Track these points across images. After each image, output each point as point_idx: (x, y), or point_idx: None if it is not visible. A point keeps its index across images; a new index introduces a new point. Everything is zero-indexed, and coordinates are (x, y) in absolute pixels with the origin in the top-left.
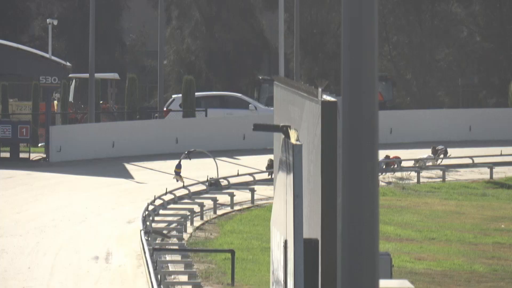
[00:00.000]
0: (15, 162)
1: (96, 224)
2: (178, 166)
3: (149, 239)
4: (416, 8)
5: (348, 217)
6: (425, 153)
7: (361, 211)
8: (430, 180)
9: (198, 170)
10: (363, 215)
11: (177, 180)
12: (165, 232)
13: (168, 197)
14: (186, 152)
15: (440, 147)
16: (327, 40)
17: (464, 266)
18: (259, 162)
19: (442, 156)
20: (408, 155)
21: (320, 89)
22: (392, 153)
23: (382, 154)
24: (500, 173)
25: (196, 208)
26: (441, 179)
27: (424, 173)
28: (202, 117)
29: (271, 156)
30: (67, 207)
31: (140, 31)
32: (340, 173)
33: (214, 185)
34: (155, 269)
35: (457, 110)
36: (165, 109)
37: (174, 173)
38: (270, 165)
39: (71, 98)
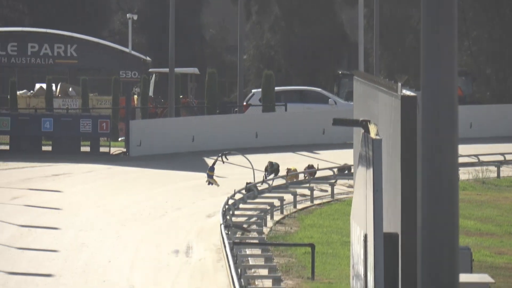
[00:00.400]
0: (96, 156)
1: (176, 218)
2: (211, 169)
3: (229, 233)
4: (496, 3)
5: (428, 211)
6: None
7: (441, 205)
8: (510, 174)
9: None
10: (443, 209)
11: (209, 183)
12: (245, 226)
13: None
14: (220, 155)
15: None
16: (406, 35)
17: None
18: (339, 156)
19: None
20: (487, 150)
21: (400, 84)
22: (471, 148)
23: (462, 149)
24: None
25: (276, 202)
26: None
27: (504, 168)
28: (281, 112)
29: (350, 151)
30: (147, 201)
31: (220, 26)
32: (419, 168)
33: (249, 190)
34: (235, 263)
35: None
36: (244, 103)
37: (207, 176)
38: (267, 168)
39: (151, 93)
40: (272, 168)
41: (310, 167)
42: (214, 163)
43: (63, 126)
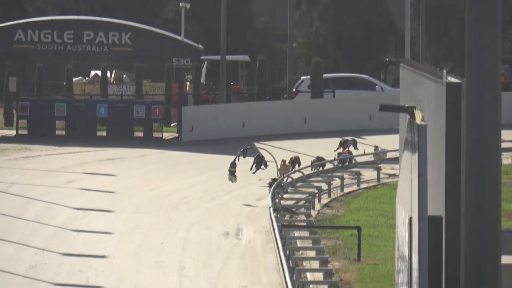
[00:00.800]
0: (149, 141)
1: (227, 201)
2: (233, 165)
3: (278, 216)
4: None
5: (472, 195)
6: None
7: (484, 189)
8: None
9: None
10: (486, 193)
11: (232, 181)
12: (293, 209)
13: (297, 175)
14: (241, 150)
15: (349, 138)
16: (451, 23)
17: None
18: (385, 141)
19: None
20: None
21: (445, 71)
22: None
23: (504, 134)
24: None
25: (324, 186)
26: None
27: None
28: (330, 98)
29: (396, 136)
30: (199, 185)
31: (270, 14)
32: (463, 153)
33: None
34: (283, 244)
35: None
36: (294, 90)
37: (228, 173)
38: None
39: (203, 80)
40: (260, 160)
41: (347, 149)
42: (235, 159)
43: (117, 112)
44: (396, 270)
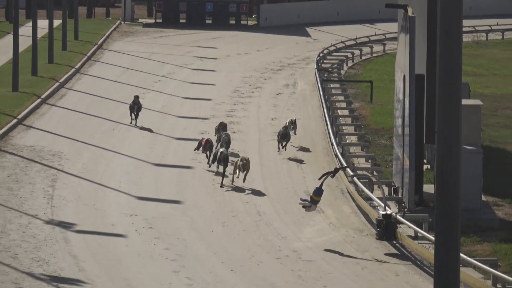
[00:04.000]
0: (238, 27)
1: (287, 64)
2: (318, 193)
3: (320, 73)
4: None
5: (443, 59)
6: None
7: (451, 54)
8: (495, 38)
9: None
10: (452, 59)
11: (308, 209)
12: (329, 69)
13: (332, 48)
14: (334, 171)
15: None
16: None
17: None
18: (389, 27)
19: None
20: (481, 23)
21: None
22: (469, 22)
23: (464, 22)
24: None
25: (349, 55)
26: (501, 37)
27: (491, 34)
28: None
29: (396, 24)
30: (270, 54)
31: None
32: (439, 28)
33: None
34: (323, 92)
35: None
36: None
37: (308, 200)
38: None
39: None
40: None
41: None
42: (322, 184)
43: (219, 8)
44: (395, 108)
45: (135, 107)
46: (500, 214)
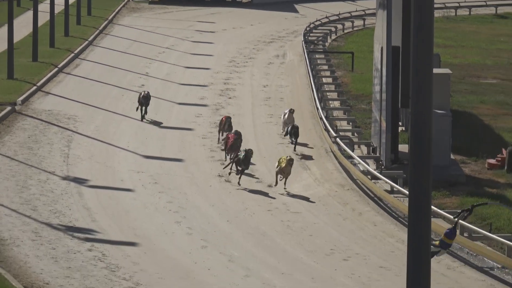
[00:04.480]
0: (234, 4)
1: (278, 37)
2: (451, 235)
3: (306, 45)
4: None
5: (417, 32)
6: None
7: (425, 32)
8: (463, 13)
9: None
10: (424, 33)
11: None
12: (315, 42)
13: (317, 23)
14: (465, 213)
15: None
16: None
17: (480, 61)
18: (369, 3)
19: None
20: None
21: None
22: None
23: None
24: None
25: (333, 29)
26: (468, 13)
27: (459, 10)
28: None
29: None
30: (263, 28)
31: None
32: (412, 6)
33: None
34: (310, 62)
35: None
36: None
37: (438, 243)
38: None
39: None
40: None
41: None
42: (456, 224)
43: None
44: (373, 76)
45: (143, 101)
46: (467, 171)
